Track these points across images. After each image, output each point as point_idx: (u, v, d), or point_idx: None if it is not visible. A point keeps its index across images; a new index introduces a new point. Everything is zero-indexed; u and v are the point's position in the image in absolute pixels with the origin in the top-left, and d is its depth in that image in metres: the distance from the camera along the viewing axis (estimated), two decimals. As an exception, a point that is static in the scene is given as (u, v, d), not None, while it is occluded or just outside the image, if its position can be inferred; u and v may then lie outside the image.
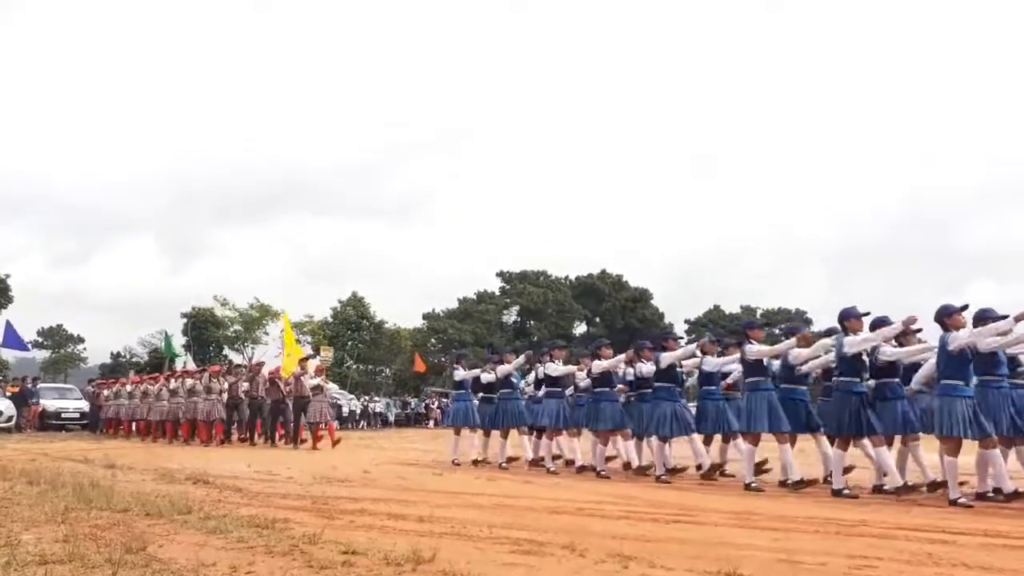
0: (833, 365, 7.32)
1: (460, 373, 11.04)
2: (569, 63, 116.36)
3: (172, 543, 4.16)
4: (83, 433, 20.46)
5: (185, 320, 42.15)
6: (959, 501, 6.18)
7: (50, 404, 21.73)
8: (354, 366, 45.84)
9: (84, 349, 63.47)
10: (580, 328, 58.58)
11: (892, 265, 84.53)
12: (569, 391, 10.04)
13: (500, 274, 57.71)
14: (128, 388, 19.00)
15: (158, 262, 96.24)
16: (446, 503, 6.17)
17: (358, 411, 29.28)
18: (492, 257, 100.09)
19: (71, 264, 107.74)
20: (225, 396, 15.66)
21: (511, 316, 56.25)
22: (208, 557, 3.78)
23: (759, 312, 61.24)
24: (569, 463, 9.89)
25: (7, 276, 42.04)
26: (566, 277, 58.59)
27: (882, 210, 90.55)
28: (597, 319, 58.06)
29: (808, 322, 53.71)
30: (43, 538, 4.23)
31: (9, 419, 19.48)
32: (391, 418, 32.26)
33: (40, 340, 60.23)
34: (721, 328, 49.14)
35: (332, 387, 16.37)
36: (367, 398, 32.50)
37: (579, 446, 9.97)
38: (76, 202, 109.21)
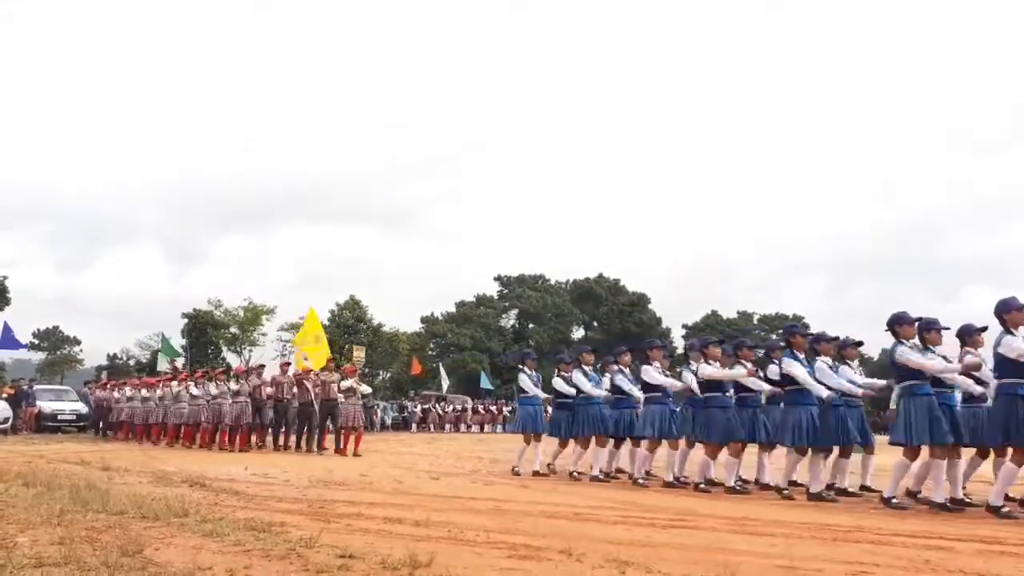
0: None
1: (525, 377, 10.02)
2: (567, 69, 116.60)
3: (168, 546, 4.16)
4: (87, 435, 20.07)
5: (186, 320, 42.09)
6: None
7: (47, 406, 21.66)
8: (351, 369, 45.68)
9: (80, 351, 63.39)
10: (578, 332, 58.62)
11: (887, 273, 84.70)
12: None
13: (498, 278, 57.78)
14: (143, 390, 17.72)
15: (158, 267, 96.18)
16: (443, 507, 6.16)
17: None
18: (490, 261, 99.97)
19: (74, 269, 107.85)
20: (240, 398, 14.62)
21: (509, 320, 56.26)
22: (204, 560, 3.77)
23: (756, 318, 61.33)
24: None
25: (5, 278, 41.92)
26: (565, 281, 58.67)
27: (878, 220, 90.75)
28: (595, 323, 58.11)
29: (806, 327, 53.82)
30: (39, 540, 4.22)
31: (5, 421, 19.45)
32: (388, 421, 32.29)
33: (36, 342, 60.12)
34: (719, 333, 49.19)
35: (365, 389, 15.37)
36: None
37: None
38: (81, 209, 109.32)
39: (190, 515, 5.19)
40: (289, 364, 16.51)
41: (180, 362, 29.31)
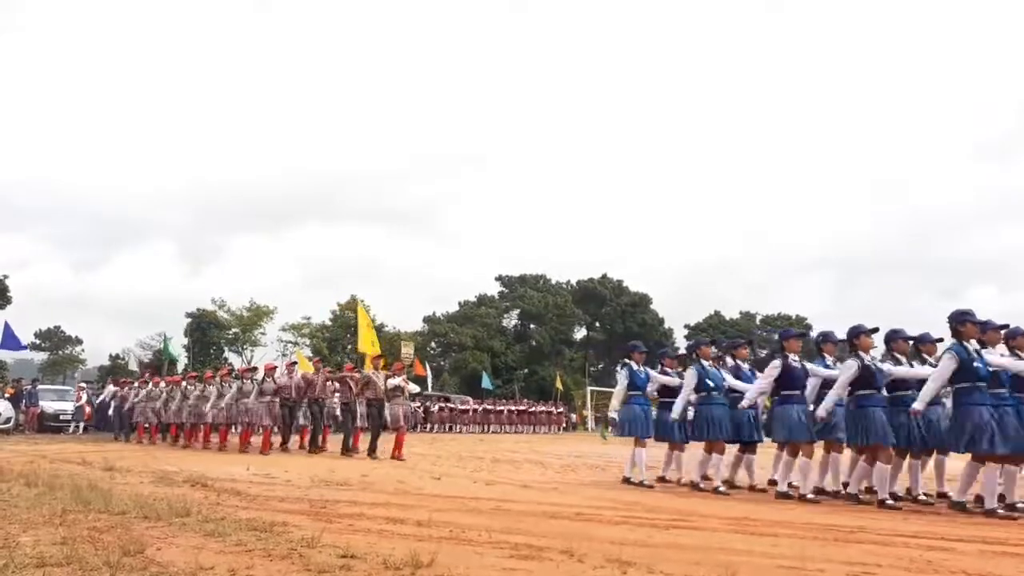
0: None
1: (630, 372, 8.51)
2: (569, 70, 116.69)
3: (170, 546, 4.16)
4: (104, 435, 19.72)
5: (189, 320, 42.14)
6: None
7: (49, 406, 21.70)
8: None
9: (82, 351, 63.41)
10: (580, 333, 58.62)
11: (890, 273, 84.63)
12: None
13: (500, 278, 57.78)
14: (163, 388, 17.06)
15: (170, 268, 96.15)
16: (445, 507, 6.16)
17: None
18: (492, 262, 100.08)
19: (88, 269, 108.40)
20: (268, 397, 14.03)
21: (511, 320, 56.26)
22: (206, 560, 3.77)
23: (759, 318, 61.27)
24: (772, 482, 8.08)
25: (5, 277, 41.89)
26: (567, 282, 58.66)
27: (880, 219, 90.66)
28: (597, 324, 58.09)
29: (808, 327, 53.80)
30: (41, 540, 4.23)
31: (7, 420, 19.50)
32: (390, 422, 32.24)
33: (38, 342, 60.15)
34: (721, 334, 49.16)
35: (413, 388, 14.34)
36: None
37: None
38: (95, 210, 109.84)
39: (192, 515, 5.19)
40: (320, 360, 16.28)
41: (181, 365, 29.33)
